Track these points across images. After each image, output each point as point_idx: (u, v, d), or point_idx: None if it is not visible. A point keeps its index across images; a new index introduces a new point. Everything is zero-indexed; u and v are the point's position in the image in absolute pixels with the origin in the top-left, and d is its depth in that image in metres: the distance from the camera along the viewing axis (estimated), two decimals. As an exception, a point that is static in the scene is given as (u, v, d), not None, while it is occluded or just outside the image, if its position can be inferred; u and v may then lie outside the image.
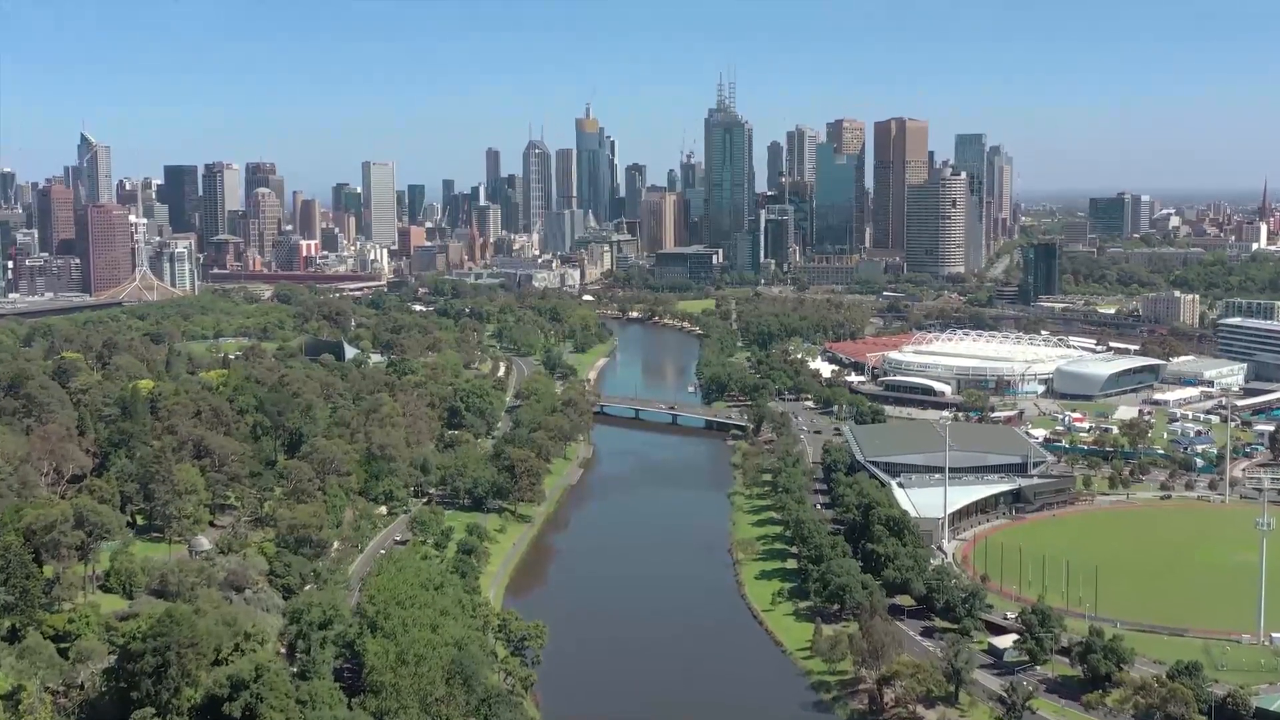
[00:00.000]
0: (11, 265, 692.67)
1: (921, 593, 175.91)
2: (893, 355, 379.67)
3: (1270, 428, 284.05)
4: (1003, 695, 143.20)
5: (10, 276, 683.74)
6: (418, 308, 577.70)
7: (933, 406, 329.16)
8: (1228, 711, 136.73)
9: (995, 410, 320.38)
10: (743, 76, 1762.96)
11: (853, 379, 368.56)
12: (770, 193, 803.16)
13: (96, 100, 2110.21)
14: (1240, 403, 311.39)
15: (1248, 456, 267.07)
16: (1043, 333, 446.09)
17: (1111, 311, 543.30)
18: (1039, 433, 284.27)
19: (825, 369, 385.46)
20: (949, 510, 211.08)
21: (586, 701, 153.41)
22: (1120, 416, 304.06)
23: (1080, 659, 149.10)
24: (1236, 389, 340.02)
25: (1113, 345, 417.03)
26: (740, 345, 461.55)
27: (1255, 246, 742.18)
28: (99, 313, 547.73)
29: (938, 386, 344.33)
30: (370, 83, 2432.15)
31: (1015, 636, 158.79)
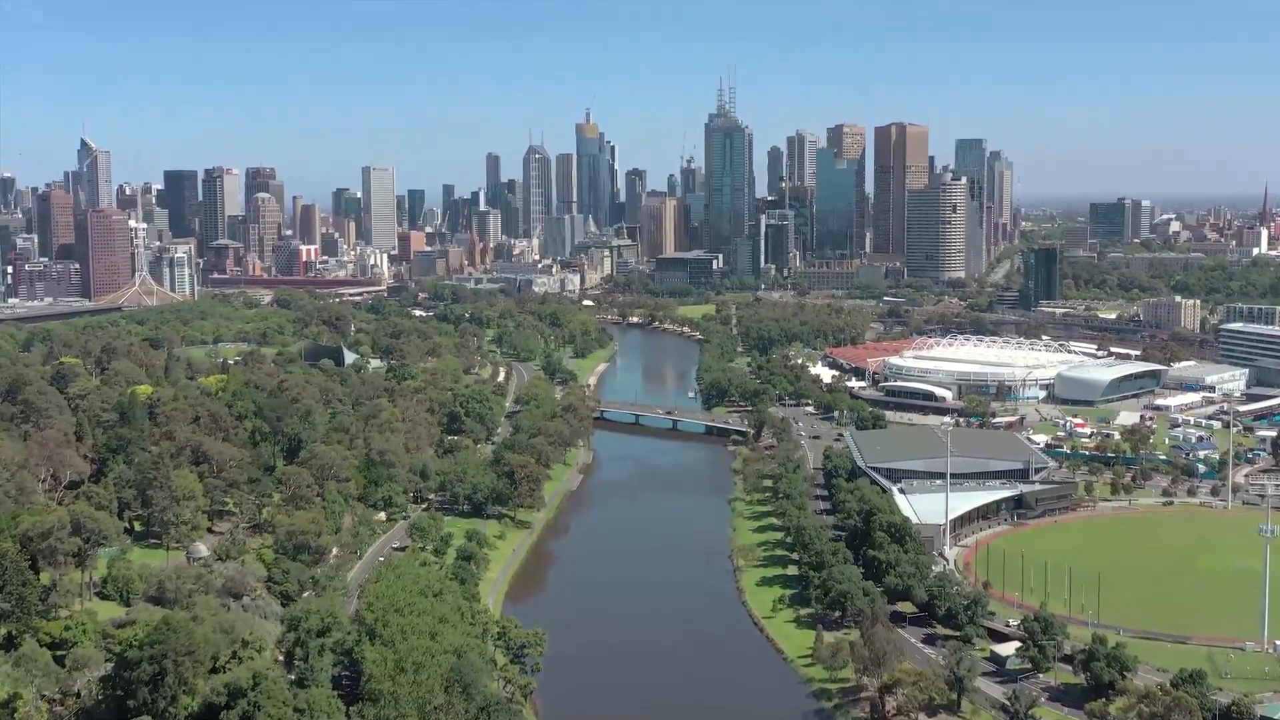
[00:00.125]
0: (11, 270, 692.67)
1: (923, 600, 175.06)
2: (893, 360, 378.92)
3: (1272, 433, 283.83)
4: (1005, 703, 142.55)
5: (10, 281, 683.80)
6: (417, 313, 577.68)
7: (934, 412, 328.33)
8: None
9: (996, 416, 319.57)
10: (743, 81, 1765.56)
11: (853, 384, 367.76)
12: (770, 198, 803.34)
13: (96, 105, 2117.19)
14: (1242, 408, 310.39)
15: (1250, 462, 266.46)
16: (1043, 338, 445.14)
17: (1112, 317, 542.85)
18: (1040, 438, 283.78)
19: (826, 374, 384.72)
20: (950, 516, 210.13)
21: (586, 709, 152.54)
22: (1122, 422, 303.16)
23: (1083, 667, 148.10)
24: (1238, 394, 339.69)
25: (1114, 350, 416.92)
26: (740, 350, 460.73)
27: (1256, 251, 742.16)
28: (98, 318, 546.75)
29: (938, 392, 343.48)
30: (370, 87, 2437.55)
31: (1018, 644, 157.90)
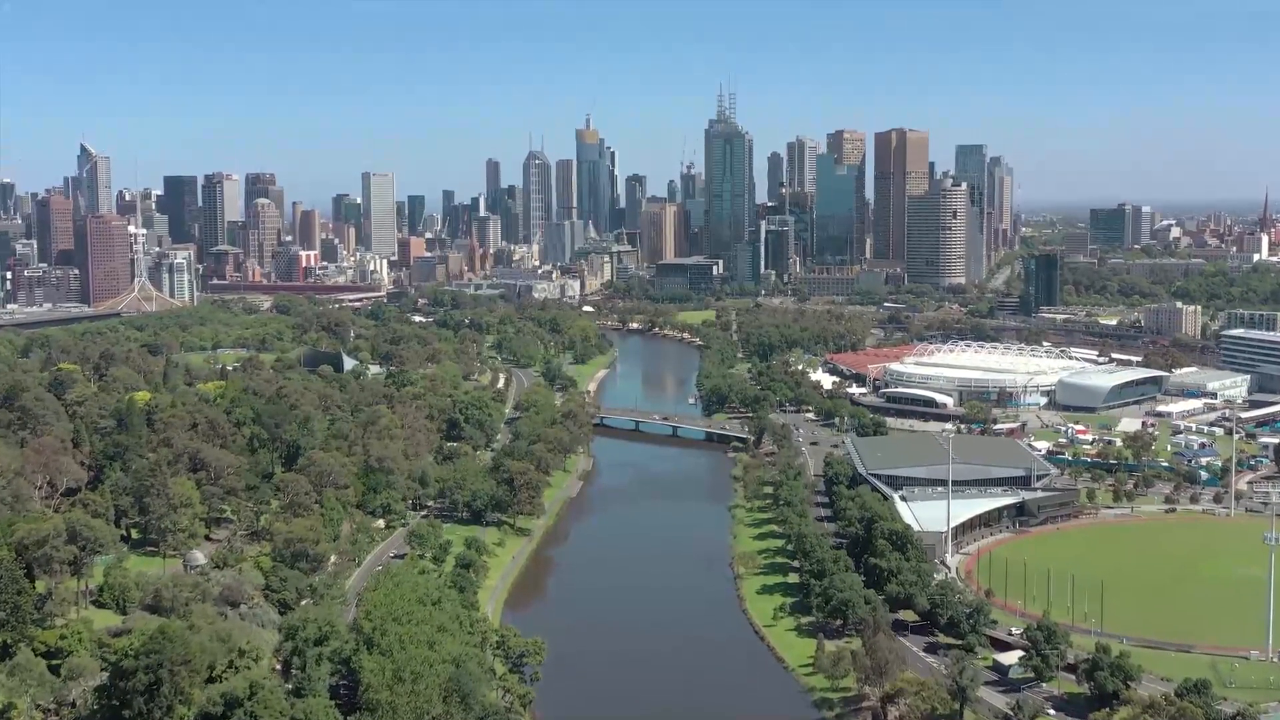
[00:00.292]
0: (10, 276, 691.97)
1: (925, 608, 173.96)
2: (894, 367, 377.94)
3: (1275, 440, 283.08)
4: (1008, 713, 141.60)
5: (9, 287, 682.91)
6: (417, 319, 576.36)
7: (934, 418, 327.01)
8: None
9: (997, 422, 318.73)
10: (743, 87, 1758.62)
11: (854, 391, 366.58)
12: (770, 203, 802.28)
13: (96, 111, 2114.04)
14: (1244, 414, 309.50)
15: (1252, 469, 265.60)
16: (1044, 344, 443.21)
17: (1113, 323, 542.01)
18: (1042, 445, 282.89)
19: (826, 380, 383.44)
20: (952, 524, 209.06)
21: (586, 717, 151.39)
22: (1123, 429, 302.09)
23: (1087, 676, 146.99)
24: (1240, 401, 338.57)
25: (1115, 357, 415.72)
26: (741, 356, 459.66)
27: (1256, 258, 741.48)
28: (97, 324, 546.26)
29: (939, 398, 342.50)
30: (370, 93, 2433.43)
31: (1020, 653, 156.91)
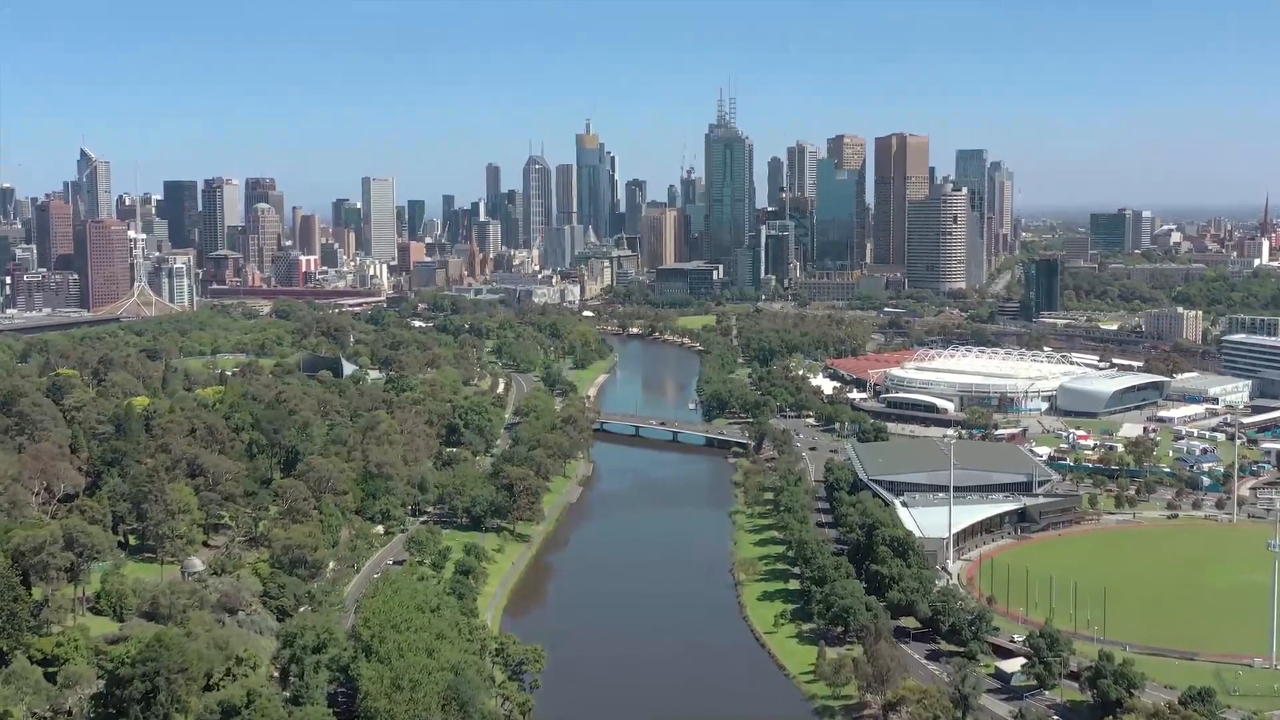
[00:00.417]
0: (9, 281, 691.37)
1: (927, 615, 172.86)
2: (895, 372, 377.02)
3: (1277, 445, 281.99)
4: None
5: (8, 292, 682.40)
6: (417, 324, 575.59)
7: (935, 424, 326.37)
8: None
9: (998, 428, 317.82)
10: (743, 92, 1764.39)
11: (855, 396, 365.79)
12: (771, 208, 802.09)
13: (96, 116, 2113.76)
14: (1246, 420, 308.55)
15: (1254, 475, 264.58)
16: (1045, 349, 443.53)
17: (1114, 328, 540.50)
18: (1043, 451, 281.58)
19: (827, 386, 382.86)
20: (954, 530, 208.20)
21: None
22: (1125, 434, 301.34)
23: (1090, 684, 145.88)
24: (1242, 406, 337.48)
25: (1116, 362, 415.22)
26: (741, 362, 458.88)
27: (1257, 263, 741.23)
28: (96, 328, 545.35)
29: (940, 403, 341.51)
30: (370, 98, 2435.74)
31: (1023, 660, 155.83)
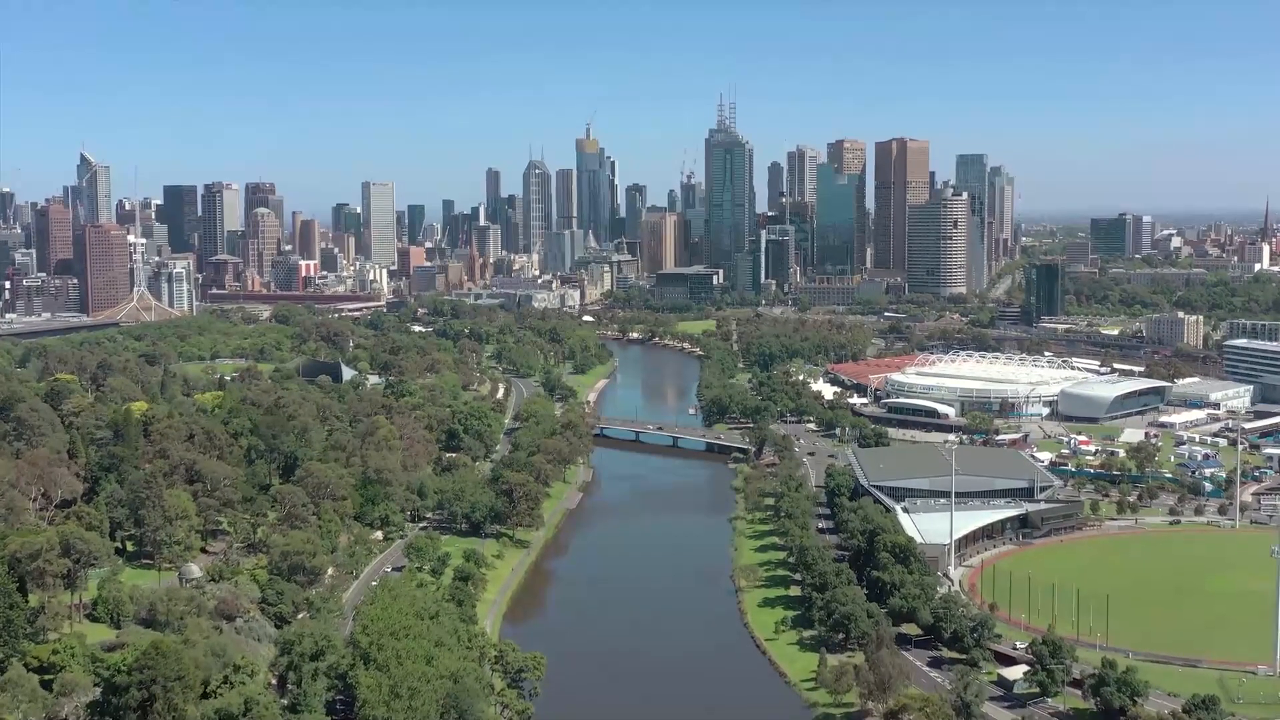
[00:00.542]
0: (9, 285, 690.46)
1: (929, 622, 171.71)
2: (895, 377, 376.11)
3: (1279, 451, 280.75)
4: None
5: (8, 297, 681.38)
6: (416, 328, 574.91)
7: (936, 429, 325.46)
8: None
9: (1000, 433, 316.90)
10: (743, 97, 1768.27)
11: (855, 401, 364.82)
12: (771, 213, 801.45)
13: (96, 120, 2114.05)
14: (1248, 425, 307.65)
15: (1257, 480, 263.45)
16: (1046, 354, 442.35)
17: (1115, 333, 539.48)
18: (1044, 456, 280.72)
19: (827, 391, 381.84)
20: (955, 536, 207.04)
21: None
22: (1126, 439, 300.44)
23: (1093, 692, 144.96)
24: (1244, 411, 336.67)
25: (1117, 367, 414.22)
26: (741, 367, 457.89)
27: (1258, 267, 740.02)
28: (95, 333, 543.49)
29: (941, 409, 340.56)
30: (370, 103, 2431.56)
31: (1025, 668, 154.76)
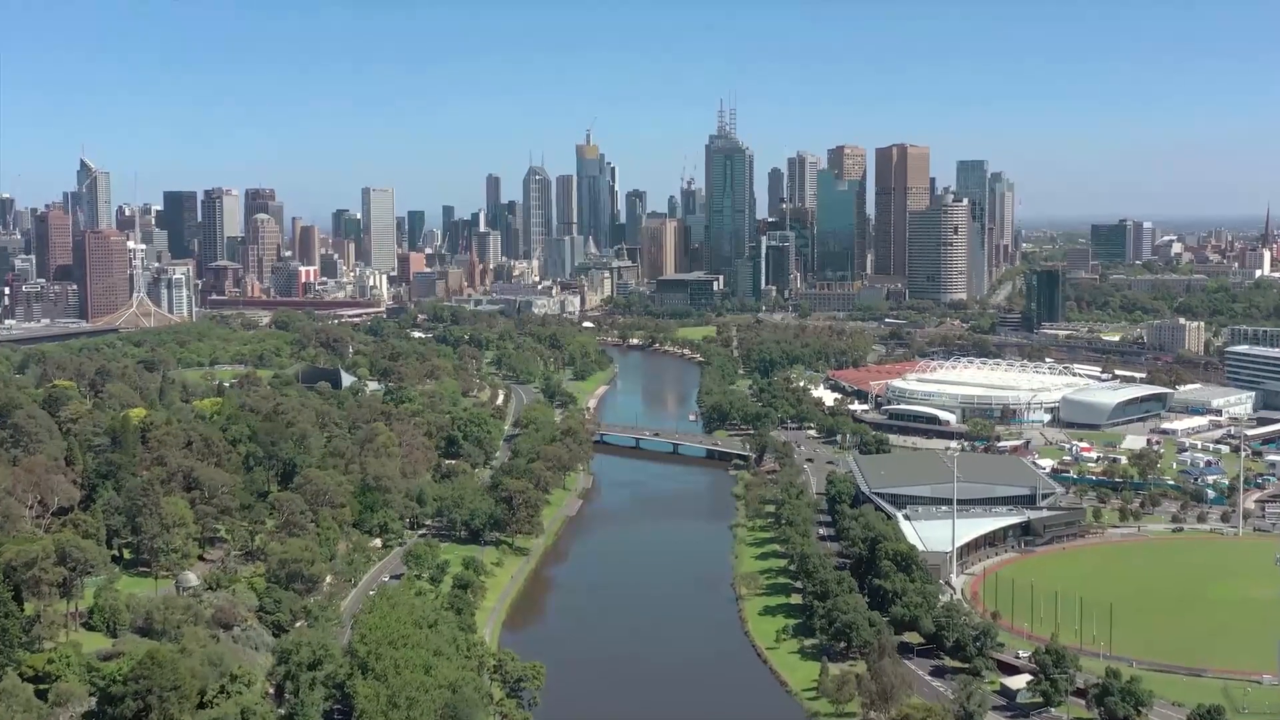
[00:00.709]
0: (8, 291, 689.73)
1: (931, 630, 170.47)
2: (896, 383, 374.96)
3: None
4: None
5: (7, 303, 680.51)
6: (416, 334, 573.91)
7: (937, 436, 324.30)
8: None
9: (1001, 439, 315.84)
10: (743, 102, 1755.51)
11: (856, 407, 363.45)
12: (771, 219, 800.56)
13: (96, 126, 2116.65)
14: (1250, 432, 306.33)
15: (1259, 487, 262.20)
16: (1047, 360, 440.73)
17: (1116, 339, 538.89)
18: (1046, 463, 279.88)
19: (828, 397, 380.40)
20: (957, 544, 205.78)
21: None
22: (1128, 446, 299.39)
23: (1097, 701, 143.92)
24: (1246, 418, 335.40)
25: (1118, 373, 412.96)
26: (742, 373, 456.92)
27: (1259, 273, 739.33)
28: (94, 339, 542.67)
29: (942, 415, 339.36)
30: (370, 109, 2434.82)
31: (1029, 677, 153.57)
